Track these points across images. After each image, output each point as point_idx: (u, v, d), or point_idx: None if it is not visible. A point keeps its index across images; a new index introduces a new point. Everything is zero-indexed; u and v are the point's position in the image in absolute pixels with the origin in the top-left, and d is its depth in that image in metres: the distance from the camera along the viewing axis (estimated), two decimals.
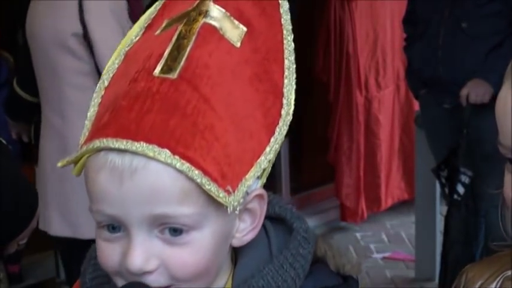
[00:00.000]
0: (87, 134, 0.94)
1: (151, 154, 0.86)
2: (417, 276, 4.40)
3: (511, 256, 1.12)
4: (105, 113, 0.92)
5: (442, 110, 3.56)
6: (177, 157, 0.86)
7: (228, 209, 0.89)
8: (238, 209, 0.92)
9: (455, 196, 3.52)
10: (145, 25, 1.00)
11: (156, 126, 0.87)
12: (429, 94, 3.63)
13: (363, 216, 5.16)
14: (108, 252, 0.92)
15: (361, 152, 5.12)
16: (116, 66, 0.98)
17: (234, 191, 0.89)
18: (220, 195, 0.88)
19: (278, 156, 3.93)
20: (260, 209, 0.96)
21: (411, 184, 5.32)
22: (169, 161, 0.86)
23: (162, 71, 0.91)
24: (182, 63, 0.91)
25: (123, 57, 0.98)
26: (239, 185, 0.90)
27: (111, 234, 0.92)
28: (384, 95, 5.24)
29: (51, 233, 2.78)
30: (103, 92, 0.97)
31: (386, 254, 4.73)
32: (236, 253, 0.99)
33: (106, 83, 0.97)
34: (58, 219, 2.74)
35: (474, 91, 3.33)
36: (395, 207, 5.40)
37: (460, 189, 3.50)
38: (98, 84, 0.98)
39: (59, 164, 0.95)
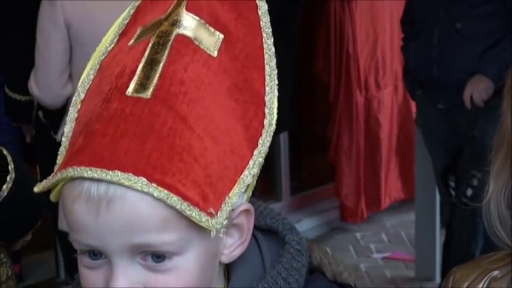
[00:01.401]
0: (64, 152, 0.91)
1: (127, 183, 0.82)
2: (417, 276, 4.40)
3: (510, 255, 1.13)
4: (79, 135, 0.88)
5: (437, 110, 3.56)
6: (154, 185, 0.83)
7: (211, 233, 0.85)
8: (222, 231, 0.88)
9: (463, 199, 3.51)
10: (120, 32, 0.97)
11: (130, 152, 0.84)
12: (424, 94, 3.63)
13: (363, 216, 5.17)
14: (92, 279, 0.89)
15: (361, 152, 5.12)
16: (91, 77, 0.94)
17: (217, 213, 0.86)
18: (203, 219, 0.84)
19: (278, 156, 3.97)
20: (247, 223, 0.93)
21: (408, 184, 5.33)
22: (145, 189, 0.83)
23: (135, 90, 0.87)
24: (155, 81, 0.87)
25: (97, 66, 0.95)
26: (222, 205, 0.87)
27: (93, 261, 0.89)
28: (383, 95, 5.24)
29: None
30: (79, 106, 0.93)
31: (386, 254, 4.73)
32: (229, 269, 0.96)
33: (82, 96, 0.94)
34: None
35: (476, 89, 3.32)
36: (395, 207, 5.40)
37: (469, 191, 3.49)
38: (74, 98, 0.95)
39: (35, 189, 0.91)
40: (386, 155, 5.32)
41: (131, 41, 0.92)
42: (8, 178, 1.72)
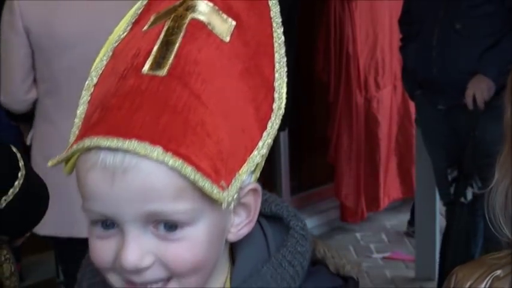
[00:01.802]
0: (77, 132, 0.93)
1: (143, 152, 0.84)
2: (417, 276, 4.40)
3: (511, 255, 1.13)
4: (94, 111, 0.91)
5: (437, 110, 3.56)
6: (169, 154, 0.85)
7: (223, 205, 0.87)
8: (232, 204, 0.91)
9: (462, 199, 3.52)
10: (133, 21, 0.99)
11: (147, 124, 0.86)
12: (424, 95, 3.63)
13: (363, 216, 5.17)
14: (102, 250, 0.90)
15: (361, 152, 5.13)
16: (104, 63, 0.97)
17: (227, 186, 0.88)
18: (214, 191, 0.86)
19: (278, 156, 3.96)
20: (254, 203, 0.95)
21: (407, 183, 5.33)
22: (161, 158, 0.84)
23: (151, 68, 0.89)
24: (171, 60, 0.90)
25: (111, 53, 0.97)
26: (233, 180, 0.89)
27: (105, 232, 0.90)
28: (382, 94, 5.25)
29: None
30: (92, 90, 0.96)
31: (386, 254, 4.73)
32: (233, 253, 0.98)
33: (95, 80, 0.96)
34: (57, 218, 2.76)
35: (478, 89, 3.32)
36: (395, 207, 5.40)
37: (469, 195, 3.50)
38: (87, 82, 0.97)
39: (49, 163, 0.94)
40: (385, 154, 5.32)
41: (145, 27, 0.95)
42: (19, 175, 1.74)
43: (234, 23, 0.94)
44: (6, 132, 3.46)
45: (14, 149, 1.80)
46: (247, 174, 0.91)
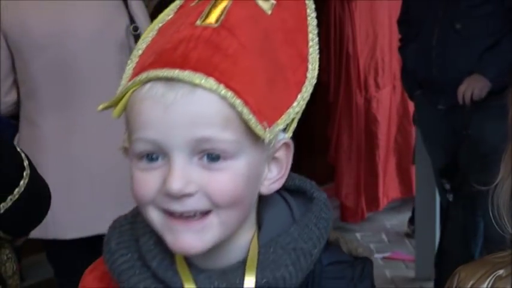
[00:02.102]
0: (128, 77, 1.00)
1: (197, 81, 0.91)
2: (417, 276, 4.41)
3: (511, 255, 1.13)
4: (149, 57, 0.97)
5: (437, 110, 3.56)
6: (221, 85, 0.92)
7: (265, 140, 0.94)
8: (272, 144, 0.98)
9: (459, 200, 3.52)
10: (178, 6, 1.05)
11: (201, 60, 0.93)
12: (424, 95, 3.63)
13: (363, 216, 5.17)
14: (146, 181, 0.95)
15: (361, 152, 5.13)
16: (150, 39, 1.03)
17: (269, 128, 0.95)
18: (258, 127, 0.93)
19: None
20: (286, 159, 1.02)
21: (406, 183, 5.34)
22: (214, 87, 0.92)
23: (203, 21, 0.98)
24: (222, 16, 0.98)
25: (155, 32, 1.03)
26: (273, 126, 0.96)
27: (149, 164, 0.95)
28: (381, 94, 5.25)
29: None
30: (137, 59, 1.02)
31: (387, 254, 4.73)
32: (258, 219, 1.03)
33: (140, 52, 1.02)
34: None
35: (471, 86, 3.32)
36: (395, 207, 5.40)
37: (464, 194, 3.50)
38: (133, 52, 1.03)
39: (100, 107, 1.01)
40: (384, 154, 5.32)
41: (193, 3, 1.02)
42: (24, 174, 1.75)
43: (274, 1, 1.03)
44: (5, 131, 3.46)
45: (19, 149, 1.81)
46: (283, 125, 0.98)
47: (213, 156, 0.94)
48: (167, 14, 1.05)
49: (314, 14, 1.06)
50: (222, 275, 0.98)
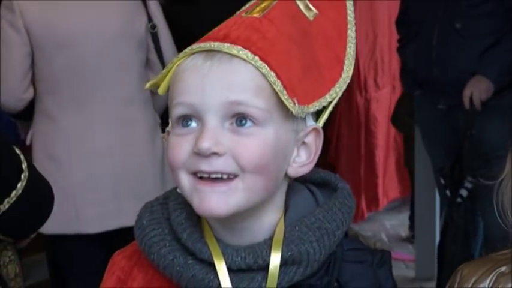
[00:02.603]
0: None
1: (235, 52, 1.00)
2: (417, 276, 4.41)
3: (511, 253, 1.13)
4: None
5: (437, 110, 3.56)
6: (256, 57, 1.00)
7: (294, 111, 1.01)
8: (301, 126, 1.05)
9: (459, 199, 3.52)
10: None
11: (240, 37, 1.02)
12: (424, 95, 3.63)
13: (363, 216, 5.17)
14: (180, 144, 1.02)
15: (361, 152, 5.13)
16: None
17: (298, 105, 1.02)
18: (287, 99, 1.00)
19: None
20: (315, 145, 1.07)
21: (405, 183, 5.34)
22: (250, 58, 1.00)
23: (248, 13, 1.08)
24: (266, 10, 1.07)
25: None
26: (303, 107, 1.02)
27: (184, 129, 1.02)
28: (381, 94, 5.25)
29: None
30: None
31: None
32: (286, 205, 1.08)
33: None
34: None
35: (477, 89, 3.32)
36: (395, 207, 5.41)
37: (464, 193, 3.50)
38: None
39: (148, 85, 1.09)
40: (384, 154, 5.32)
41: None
42: (22, 177, 1.74)
43: (316, 11, 1.11)
44: (5, 131, 3.46)
45: (18, 150, 1.79)
46: (313, 109, 1.05)
47: (243, 121, 1.01)
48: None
49: (354, 28, 1.14)
50: (249, 249, 1.03)
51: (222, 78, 1.00)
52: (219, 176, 1.00)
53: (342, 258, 1.07)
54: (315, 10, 1.11)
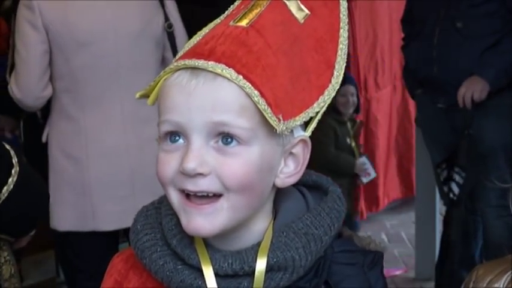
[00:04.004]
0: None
1: (219, 70, 1.00)
2: (417, 276, 4.40)
3: None
4: (184, 52, 1.08)
5: (437, 109, 3.56)
6: (240, 76, 1.00)
7: (277, 131, 1.01)
8: (287, 138, 1.05)
9: (451, 195, 3.53)
10: (228, 13, 1.13)
11: (226, 53, 1.02)
12: (425, 93, 3.63)
13: (363, 216, 5.17)
14: (167, 161, 1.03)
15: (361, 152, 5.12)
16: (195, 40, 1.11)
17: (284, 121, 1.01)
18: (272, 118, 1.00)
19: None
20: (303, 155, 1.07)
21: (406, 183, 5.34)
22: (233, 77, 1.00)
23: (236, 22, 1.06)
24: (254, 18, 1.06)
25: (195, 40, 1.11)
26: (289, 120, 1.02)
27: (171, 145, 1.04)
28: (381, 95, 5.25)
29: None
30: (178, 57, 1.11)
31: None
32: (275, 208, 1.10)
33: (181, 53, 1.10)
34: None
35: (471, 89, 3.33)
36: (395, 207, 5.41)
37: (455, 188, 3.51)
38: (178, 55, 1.12)
39: (137, 95, 1.12)
40: (385, 154, 5.32)
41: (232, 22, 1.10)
42: (12, 172, 1.73)
43: (308, 12, 1.10)
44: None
45: (7, 146, 1.79)
46: (300, 122, 1.05)
47: (228, 140, 1.01)
48: (219, 19, 1.13)
49: (346, 27, 1.13)
50: (236, 255, 1.04)
51: (206, 98, 1.01)
52: (205, 194, 1.02)
53: (331, 260, 1.08)
54: (306, 11, 1.10)
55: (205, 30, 1.12)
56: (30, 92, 2.73)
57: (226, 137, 1.01)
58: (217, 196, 1.02)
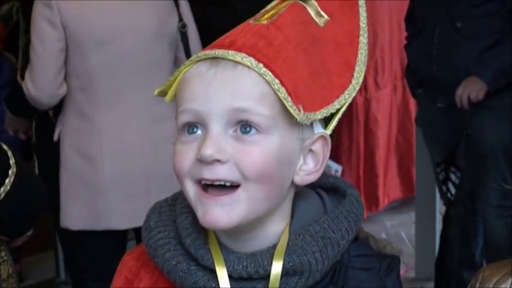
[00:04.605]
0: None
1: (239, 59, 1.00)
2: (417, 276, 4.40)
3: None
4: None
5: (437, 109, 3.56)
6: (261, 65, 1.00)
7: (298, 118, 1.00)
8: (307, 134, 1.04)
9: (449, 195, 3.54)
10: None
11: (246, 44, 1.03)
12: (425, 93, 3.63)
13: (363, 216, 5.15)
14: (185, 152, 1.03)
15: (361, 152, 5.13)
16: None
17: (303, 112, 1.01)
18: (292, 106, 1.00)
19: None
20: (323, 153, 1.06)
21: (406, 183, 5.33)
22: (254, 65, 1.00)
23: (256, 20, 1.07)
24: (275, 17, 1.07)
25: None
26: (309, 113, 1.02)
27: (189, 136, 1.03)
28: (382, 94, 5.24)
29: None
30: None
31: None
32: (292, 210, 1.08)
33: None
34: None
35: (468, 89, 3.33)
36: (395, 207, 5.40)
37: (452, 188, 3.51)
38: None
39: (156, 92, 1.10)
40: (385, 154, 5.32)
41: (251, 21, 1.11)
42: (9, 172, 1.73)
43: (328, 18, 1.10)
44: (4, 133, 3.45)
45: (5, 147, 1.78)
46: (320, 116, 1.04)
47: (247, 128, 1.00)
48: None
49: (366, 34, 1.14)
50: (251, 257, 1.03)
51: (226, 85, 1.00)
52: (222, 183, 1.00)
53: (347, 265, 1.07)
54: (326, 16, 1.10)
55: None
56: (46, 89, 2.73)
57: (245, 126, 1.00)
58: (234, 187, 1.01)
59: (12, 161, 1.75)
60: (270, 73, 1.00)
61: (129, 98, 2.76)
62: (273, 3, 1.13)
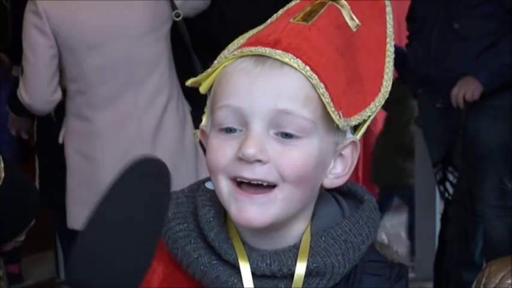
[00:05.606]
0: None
1: (287, 59, 1.00)
2: (417, 276, 4.41)
3: None
4: (243, 42, 1.07)
5: (436, 109, 3.57)
6: (307, 67, 1.00)
7: (340, 125, 1.01)
8: (341, 138, 1.05)
9: (446, 195, 3.54)
10: (284, 10, 1.13)
11: (291, 45, 1.01)
12: (425, 93, 3.64)
13: None
14: (223, 148, 1.01)
15: (360, 151, 5.12)
16: (240, 42, 1.09)
17: (343, 118, 1.02)
18: (334, 112, 1.00)
19: None
20: (352, 158, 1.08)
21: None
22: (301, 67, 1.00)
23: (297, 19, 1.06)
24: (315, 18, 1.06)
25: (251, 34, 1.10)
26: (346, 119, 1.03)
27: (228, 135, 1.01)
28: None
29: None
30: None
31: None
32: (312, 214, 1.08)
33: (226, 53, 1.08)
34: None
35: (463, 89, 3.33)
36: (395, 207, 5.40)
37: (449, 188, 3.52)
38: (219, 56, 1.10)
39: (189, 82, 1.08)
40: None
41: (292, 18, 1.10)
42: None
43: (359, 23, 1.11)
44: (2, 133, 3.46)
45: None
46: (355, 123, 1.05)
47: (288, 135, 1.00)
48: (275, 15, 1.13)
49: (393, 43, 1.15)
50: (274, 256, 1.02)
51: (272, 85, 1.00)
52: (260, 183, 1.00)
53: (362, 270, 1.07)
54: (357, 21, 1.11)
55: (260, 26, 1.11)
56: (39, 96, 2.73)
57: (285, 133, 1.00)
58: (270, 187, 1.00)
59: (1, 166, 1.74)
60: (316, 76, 1.00)
61: (127, 97, 2.76)
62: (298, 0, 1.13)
